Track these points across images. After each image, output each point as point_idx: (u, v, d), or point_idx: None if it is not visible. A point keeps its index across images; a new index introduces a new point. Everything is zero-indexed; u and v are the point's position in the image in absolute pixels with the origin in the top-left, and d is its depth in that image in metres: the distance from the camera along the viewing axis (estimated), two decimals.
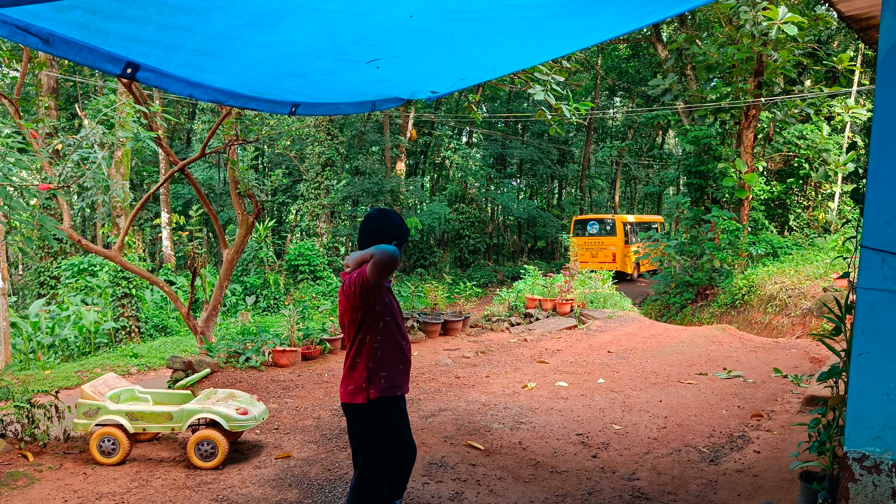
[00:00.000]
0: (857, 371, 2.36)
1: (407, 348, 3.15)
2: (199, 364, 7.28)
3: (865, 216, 2.34)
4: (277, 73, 3.33)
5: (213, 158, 23.93)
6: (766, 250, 15.94)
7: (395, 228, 3.09)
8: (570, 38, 3.44)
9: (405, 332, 3.19)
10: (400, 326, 3.15)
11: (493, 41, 3.22)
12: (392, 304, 3.15)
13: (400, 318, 3.17)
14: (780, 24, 12.51)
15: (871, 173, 2.33)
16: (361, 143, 24.79)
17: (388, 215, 3.14)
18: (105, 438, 4.79)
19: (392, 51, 3.11)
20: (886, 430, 2.32)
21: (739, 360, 8.14)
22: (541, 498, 4.16)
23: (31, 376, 9.08)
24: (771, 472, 4.46)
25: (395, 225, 3.10)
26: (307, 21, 2.60)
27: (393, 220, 3.12)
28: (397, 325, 3.12)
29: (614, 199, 34.93)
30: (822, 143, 17.47)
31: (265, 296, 17.88)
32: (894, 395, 2.31)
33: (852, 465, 2.38)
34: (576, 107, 9.08)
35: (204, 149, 8.52)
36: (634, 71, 30.01)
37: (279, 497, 4.21)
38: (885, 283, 2.31)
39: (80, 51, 2.43)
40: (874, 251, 2.32)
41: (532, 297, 11.70)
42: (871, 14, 3.30)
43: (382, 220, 3.10)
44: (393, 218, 3.13)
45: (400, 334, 3.13)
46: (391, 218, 3.13)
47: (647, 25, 5.84)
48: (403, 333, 3.16)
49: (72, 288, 15.76)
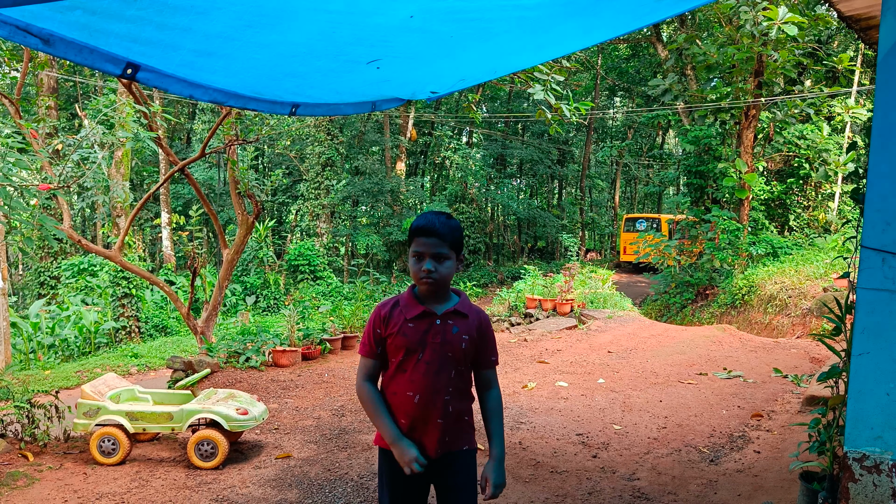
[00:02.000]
0: (858, 371, 2.35)
1: (422, 402, 2.24)
2: (200, 364, 7.28)
3: (865, 216, 2.34)
4: (277, 73, 3.33)
5: (213, 158, 23.94)
6: (767, 250, 15.93)
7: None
8: (571, 38, 3.43)
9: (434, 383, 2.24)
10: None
11: (493, 41, 3.22)
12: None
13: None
14: (781, 24, 12.51)
15: (871, 173, 2.32)
16: (361, 143, 24.79)
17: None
18: (105, 438, 4.79)
19: (392, 51, 3.11)
20: (887, 430, 2.32)
21: (739, 360, 8.14)
22: (541, 498, 4.16)
23: (31, 376, 9.09)
24: (771, 472, 4.46)
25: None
26: (307, 21, 2.60)
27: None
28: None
29: (614, 199, 34.92)
30: (823, 143, 17.47)
31: (265, 296, 17.88)
32: (894, 395, 2.31)
33: (852, 465, 2.38)
34: (576, 106, 9.08)
35: (204, 149, 8.52)
36: (634, 71, 30.03)
37: (279, 497, 4.22)
38: (886, 284, 2.30)
39: (80, 51, 2.43)
40: (874, 251, 2.32)
41: (532, 297, 11.70)
42: (870, 14, 3.30)
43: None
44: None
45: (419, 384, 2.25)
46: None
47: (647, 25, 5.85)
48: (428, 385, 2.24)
49: (72, 288, 15.77)
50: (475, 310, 2.34)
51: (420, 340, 2.22)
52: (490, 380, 2.36)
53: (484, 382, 2.36)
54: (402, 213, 23.71)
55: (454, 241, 2.22)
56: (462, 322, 2.28)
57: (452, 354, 2.24)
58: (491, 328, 2.37)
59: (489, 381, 2.36)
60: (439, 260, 2.20)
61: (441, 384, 2.23)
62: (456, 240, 2.23)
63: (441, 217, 2.22)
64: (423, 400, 2.22)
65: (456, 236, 2.22)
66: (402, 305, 2.28)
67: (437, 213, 2.25)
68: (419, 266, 2.20)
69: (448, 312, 2.26)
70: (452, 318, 2.27)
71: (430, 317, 2.25)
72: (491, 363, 2.35)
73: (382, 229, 23.24)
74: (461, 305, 2.29)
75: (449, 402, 2.25)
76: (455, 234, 2.22)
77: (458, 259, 2.27)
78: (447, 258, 2.21)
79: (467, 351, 2.26)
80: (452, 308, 2.27)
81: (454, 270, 2.26)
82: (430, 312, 2.25)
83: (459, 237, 2.25)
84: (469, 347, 2.26)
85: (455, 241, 2.22)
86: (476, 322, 2.30)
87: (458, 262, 2.27)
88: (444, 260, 2.20)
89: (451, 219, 2.25)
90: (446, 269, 2.21)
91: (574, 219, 32.43)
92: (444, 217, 2.23)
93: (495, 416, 2.33)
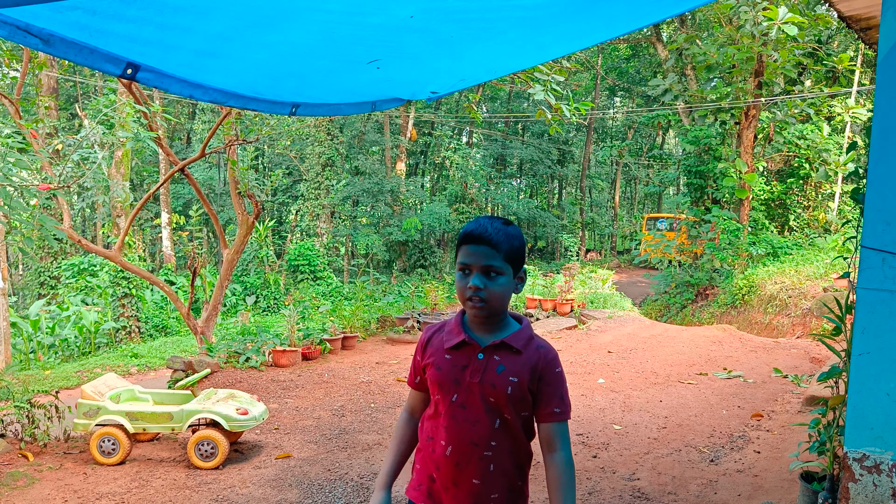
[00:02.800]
0: (858, 371, 2.35)
1: (454, 456, 1.77)
2: (200, 364, 7.28)
3: (865, 216, 2.33)
4: (278, 73, 3.33)
5: (213, 158, 23.94)
6: (767, 250, 15.93)
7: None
8: (571, 39, 3.43)
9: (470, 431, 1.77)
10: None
11: (493, 41, 3.22)
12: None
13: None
14: (781, 24, 12.51)
15: (871, 173, 2.32)
16: (361, 143, 24.80)
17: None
18: (105, 438, 4.79)
19: (392, 51, 3.11)
20: (887, 430, 2.32)
21: (740, 360, 8.14)
22: (540, 499, 4.16)
23: (31, 376, 9.09)
24: (771, 472, 4.46)
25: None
26: (308, 21, 2.60)
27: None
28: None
29: (614, 199, 34.93)
30: (823, 143, 17.46)
31: (265, 296, 17.89)
32: (895, 395, 2.31)
33: (852, 465, 2.37)
34: (576, 107, 9.08)
35: (204, 149, 8.52)
36: (634, 71, 30.04)
37: (279, 497, 4.22)
38: (886, 284, 2.30)
39: (80, 51, 2.43)
40: (874, 251, 2.31)
41: (532, 297, 11.70)
42: (870, 14, 3.30)
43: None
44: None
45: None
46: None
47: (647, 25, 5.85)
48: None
49: (72, 288, 15.78)
50: (535, 344, 1.79)
51: (455, 378, 1.76)
52: (554, 437, 1.75)
53: (545, 440, 1.76)
54: (402, 214, 23.72)
55: (511, 251, 1.72)
56: (512, 359, 1.74)
57: (495, 400, 1.73)
58: (557, 369, 1.79)
59: (552, 438, 1.75)
60: (490, 275, 1.70)
61: (480, 436, 1.74)
62: (514, 250, 1.73)
63: (496, 222, 1.74)
64: (455, 453, 1.75)
65: (514, 246, 1.73)
66: (446, 331, 1.84)
67: (491, 217, 1.78)
68: (465, 282, 1.72)
69: (494, 345, 1.75)
70: (500, 353, 1.75)
71: (471, 348, 1.76)
72: (554, 415, 1.75)
73: (382, 229, 23.25)
74: (516, 337, 1.77)
75: (490, 461, 1.74)
76: (513, 242, 1.73)
77: (518, 276, 1.77)
78: (501, 273, 1.71)
79: (514, 397, 1.72)
80: (501, 339, 1.76)
81: (511, 290, 1.75)
82: (470, 343, 1.76)
83: (519, 248, 1.75)
84: (517, 393, 1.72)
85: (513, 253, 1.73)
86: (533, 360, 1.75)
87: (518, 279, 1.78)
88: (496, 275, 1.71)
89: (510, 225, 1.77)
90: (500, 287, 1.71)
91: (574, 219, 32.43)
92: (499, 222, 1.75)
93: (559, 489, 1.71)
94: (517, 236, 1.75)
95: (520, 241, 1.75)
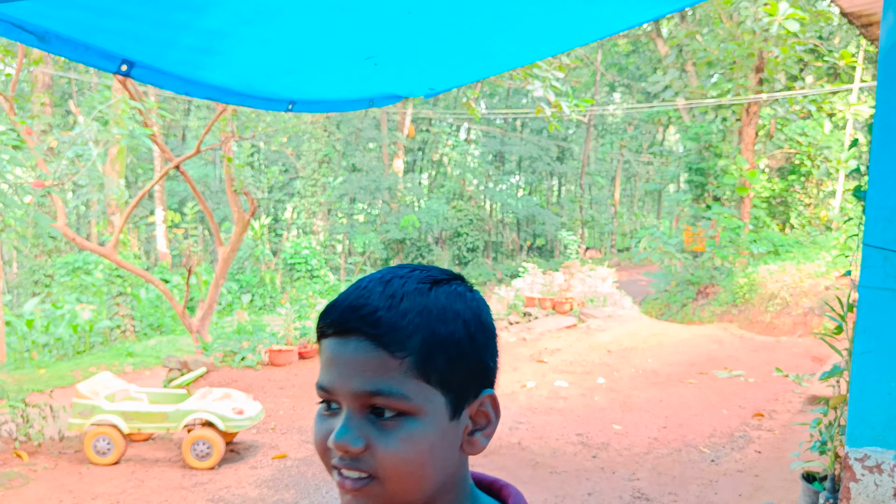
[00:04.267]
0: (859, 370, 2.33)
1: None
2: (195, 363, 7.24)
3: (867, 214, 2.31)
4: (274, 69, 3.30)
5: (208, 155, 23.87)
6: (768, 248, 15.90)
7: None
8: (571, 35, 3.40)
9: None
10: None
11: (492, 38, 3.19)
12: None
13: None
14: (782, 20, 12.47)
15: (873, 170, 2.30)
16: (359, 139, 24.74)
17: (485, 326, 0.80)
18: (100, 438, 4.75)
19: (390, 47, 3.07)
20: (888, 429, 2.30)
21: (740, 359, 8.12)
22: (540, 499, 4.13)
23: (25, 375, 9.05)
24: (772, 471, 4.44)
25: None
26: (303, 17, 2.57)
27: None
28: None
29: (614, 196, 34.90)
30: (824, 140, 17.42)
31: (261, 294, 17.84)
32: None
33: (854, 464, 2.35)
34: (575, 103, 9.03)
35: (199, 146, 8.48)
36: (634, 67, 29.98)
37: (275, 497, 4.19)
38: (888, 282, 2.28)
39: (75, 48, 2.41)
40: (876, 249, 2.29)
41: (531, 295, 11.67)
42: (871, 10, 3.26)
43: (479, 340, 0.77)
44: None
45: None
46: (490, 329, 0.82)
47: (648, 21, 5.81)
48: None
49: (66, 286, 15.73)
50: None
51: None
52: None
53: None
54: (400, 211, 23.67)
55: (436, 349, 0.71)
56: None
57: None
58: None
59: None
60: (381, 416, 0.71)
61: None
62: (444, 346, 0.72)
63: (405, 283, 0.73)
64: None
65: (443, 337, 0.72)
66: None
67: (402, 268, 0.77)
68: (325, 429, 0.77)
69: None
70: None
71: None
72: None
73: (380, 227, 23.21)
74: None
75: None
76: (438, 329, 0.72)
77: (471, 407, 0.75)
78: (409, 412, 0.70)
79: None
80: None
81: (446, 449, 0.72)
82: None
83: (459, 341, 0.73)
84: None
85: (443, 354, 0.72)
86: None
87: (477, 417, 0.76)
88: (398, 417, 0.70)
89: (440, 284, 0.76)
90: (406, 446, 0.69)
91: (573, 216, 32.39)
92: (413, 282, 0.74)
93: None
94: (456, 314, 0.74)
95: (461, 326, 0.74)
